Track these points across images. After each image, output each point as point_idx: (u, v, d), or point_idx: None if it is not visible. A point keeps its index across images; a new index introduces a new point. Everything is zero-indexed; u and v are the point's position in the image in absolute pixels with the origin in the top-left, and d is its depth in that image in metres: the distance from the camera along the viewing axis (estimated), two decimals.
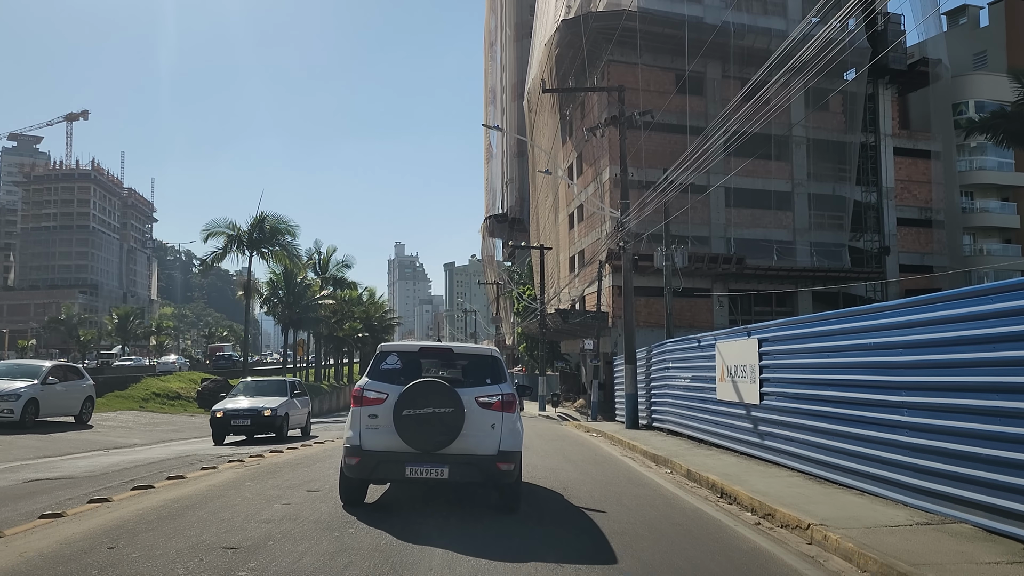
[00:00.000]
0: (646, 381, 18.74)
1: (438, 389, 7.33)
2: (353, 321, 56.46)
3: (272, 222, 31.69)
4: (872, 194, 41.76)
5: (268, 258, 31.66)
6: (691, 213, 39.35)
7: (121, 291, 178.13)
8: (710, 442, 13.59)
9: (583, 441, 17.51)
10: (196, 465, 11.51)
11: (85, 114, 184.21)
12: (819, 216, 41.18)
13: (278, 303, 38.26)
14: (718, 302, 38.89)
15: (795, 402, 9.94)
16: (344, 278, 50.41)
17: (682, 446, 14.02)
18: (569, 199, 46.78)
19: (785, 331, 10.54)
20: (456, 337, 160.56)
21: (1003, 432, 6.15)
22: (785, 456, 10.25)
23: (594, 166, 40.91)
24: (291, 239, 32.06)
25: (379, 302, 71.10)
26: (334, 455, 11.52)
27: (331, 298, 40.96)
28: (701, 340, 14.01)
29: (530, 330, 48.03)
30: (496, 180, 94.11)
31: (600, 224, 39.79)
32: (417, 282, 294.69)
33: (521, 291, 57.86)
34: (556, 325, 38.97)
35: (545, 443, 16.45)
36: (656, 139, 38.87)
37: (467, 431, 7.34)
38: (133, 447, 16.09)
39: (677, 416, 16.01)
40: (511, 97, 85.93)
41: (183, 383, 28.08)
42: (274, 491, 8.65)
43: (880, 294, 41.21)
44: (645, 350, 19.05)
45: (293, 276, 38.11)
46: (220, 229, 31.05)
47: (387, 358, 8.04)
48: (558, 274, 47.78)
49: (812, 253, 39.64)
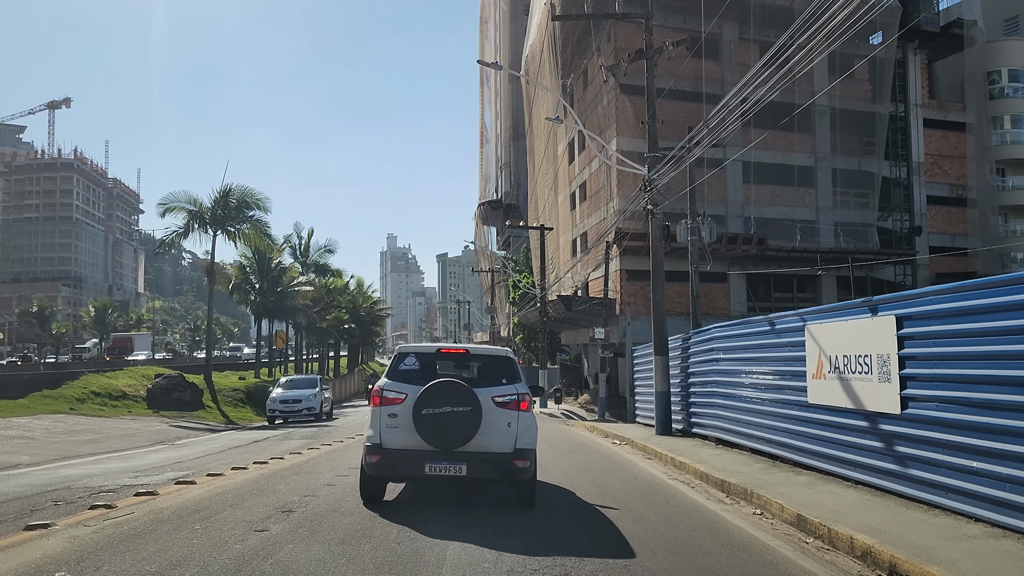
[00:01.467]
0: (682, 376, 15.34)
1: (456, 389, 7.54)
2: (339, 311, 52.73)
3: (239, 196, 27.74)
4: (901, 169, 38.35)
5: (236, 237, 27.87)
6: (706, 189, 35.92)
7: (107, 284, 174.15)
8: (795, 461, 10.15)
9: (608, 453, 14.20)
10: (49, 508, 7.84)
11: (67, 102, 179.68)
12: (844, 193, 37.79)
13: (250, 290, 34.54)
14: (743, 287, 35.51)
15: (978, 414, 6.53)
16: (327, 264, 46.51)
17: (752, 466, 10.62)
18: (570, 178, 43.23)
19: (949, 302, 7.00)
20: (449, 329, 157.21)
21: None
22: (959, 497, 6.84)
23: (598, 139, 37.33)
24: (261, 215, 28.41)
25: (367, 292, 67.41)
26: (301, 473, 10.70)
27: (310, 285, 37.13)
28: (776, 322, 10.54)
29: (528, 320, 44.53)
30: (491, 165, 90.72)
31: (605, 203, 36.30)
32: (410, 274, 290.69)
33: (518, 279, 54.41)
34: (558, 313, 35.49)
35: (560, 456, 13.07)
36: (668, 107, 35.28)
37: (484, 429, 7.55)
38: (7, 469, 11.87)
39: (732, 422, 12.69)
40: (506, 77, 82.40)
41: (133, 380, 24.50)
42: None
43: (911, 278, 37.91)
44: (679, 339, 15.65)
45: (267, 259, 34.34)
46: (179, 204, 27.14)
47: (405, 359, 8.25)
48: (558, 259, 44.27)
49: (838, 233, 36.19)
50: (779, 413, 10.56)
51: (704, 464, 10.68)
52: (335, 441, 15.77)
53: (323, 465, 11.54)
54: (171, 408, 22.48)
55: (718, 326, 13.44)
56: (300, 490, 8.90)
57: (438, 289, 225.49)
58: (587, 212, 39.67)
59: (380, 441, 7.67)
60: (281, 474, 10.50)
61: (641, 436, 15.56)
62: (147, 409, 21.80)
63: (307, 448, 14.45)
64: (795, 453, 10.10)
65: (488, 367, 8.29)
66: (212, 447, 14.98)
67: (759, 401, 11.36)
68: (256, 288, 34.33)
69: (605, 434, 17.94)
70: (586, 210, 39.92)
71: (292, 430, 19.82)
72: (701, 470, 10.31)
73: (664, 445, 13.54)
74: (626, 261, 33.93)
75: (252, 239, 28.28)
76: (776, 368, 10.64)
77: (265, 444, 15.79)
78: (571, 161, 43.07)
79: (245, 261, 34.73)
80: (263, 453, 13.56)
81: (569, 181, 43.41)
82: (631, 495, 9.06)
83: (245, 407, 26.48)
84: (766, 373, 11.02)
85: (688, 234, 21.02)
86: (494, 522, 7.09)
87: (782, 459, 10.56)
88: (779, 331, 10.33)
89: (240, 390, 28.08)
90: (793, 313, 10.07)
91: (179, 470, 11.28)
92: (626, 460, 12.98)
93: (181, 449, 14.37)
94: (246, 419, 24.50)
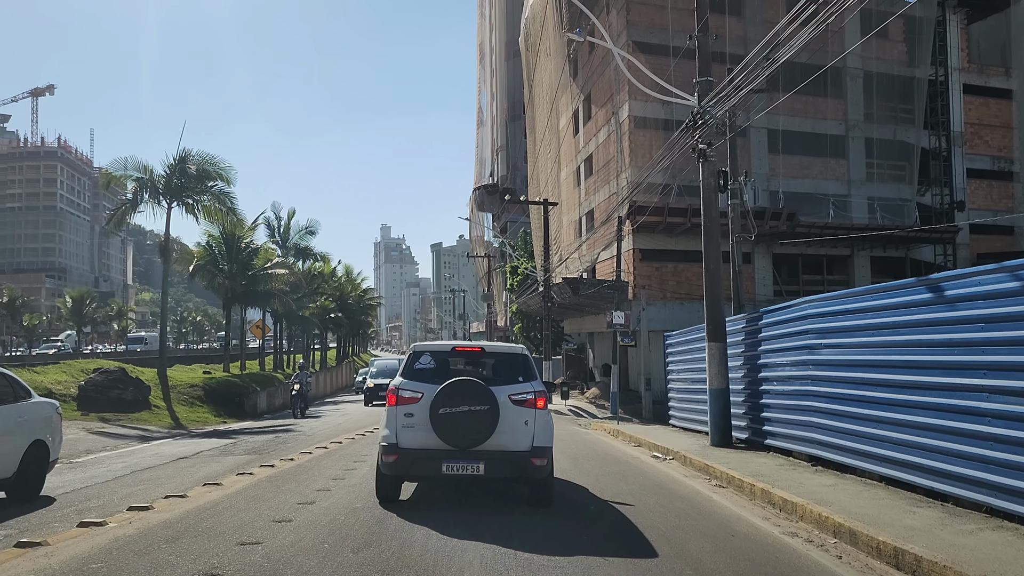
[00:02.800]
0: (746, 369, 11.86)
1: (473, 387, 7.48)
2: (323, 299, 48.98)
3: (198, 163, 23.55)
4: (939, 139, 34.83)
5: (195, 210, 23.92)
6: (729, 159, 32.29)
7: (93, 275, 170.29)
8: (981, 503, 6.68)
9: (657, 477, 10.35)
10: None
11: (51, 89, 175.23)
12: (878, 165, 34.30)
13: (217, 273, 30.68)
14: (768, 268, 32.01)
15: None
16: (309, 247, 42.53)
17: (922, 512, 6.89)
18: (574, 152, 39.59)
19: None
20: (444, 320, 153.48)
21: None
22: None
23: (606, 106, 33.70)
24: (224, 186, 24.44)
25: (357, 279, 63.62)
26: None
27: (284, 267, 33.14)
28: (945, 285, 6.90)
29: (529, 306, 40.94)
30: (486, 148, 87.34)
31: (615, 175, 32.71)
32: (404, 265, 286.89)
33: (517, 263, 50.85)
34: (563, 299, 31.92)
35: (592, 479, 9.69)
36: (688, 68, 31.63)
37: (501, 428, 7.46)
38: None
39: (847, 436, 9.02)
40: (503, 56, 78.85)
41: (66, 375, 20.73)
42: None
43: (951, 259, 34.47)
44: (741, 320, 12.15)
45: (237, 238, 30.51)
46: (125, 172, 23.31)
47: (420, 358, 8.18)
48: (561, 241, 40.67)
49: (874, 208, 32.66)
50: (960, 431, 6.93)
51: (835, 509, 6.90)
52: (284, 459, 11.75)
53: (229, 519, 7.17)
54: (108, 409, 18.76)
55: (816, 299, 9.66)
56: None
57: (432, 280, 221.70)
58: (594, 188, 36.09)
59: (396, 441, 7.62)
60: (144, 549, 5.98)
61: (690, 448, 12.08)
62: (76, 411, 18.07)
63: (239, 471, 10.56)
64: (986, 493, 6.51)
65: (503, 365, 8.24)
66: (116, 468, 10.88)
67: (909, 408, 7.68)
68: (224, 271, 30.49)
69: (637, 442, 14.41)
70: (592, 185, 36.33)
71: (245, 439, 16.15)
72: (845, 525, 6.45)
73: (734, 464, 10.02)
74: (640, 239, 30.38)
75: (216, 214, 24.45)
76: (936, 358, 7.04)
77: (187, 465, 11.74)
78: (575, 133, 39.44)
79: (211, 240, 30.91)
80: (170, 483, 9.70)
81: (574, 155, 39.79)
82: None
83: (203, 406, 22.77)
84: (926, 367, 7.37)
85: (728, 197, 17.43)
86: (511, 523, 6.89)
87: (963, 500, 7.00)
88: (955, 300, 6.70)
89: (199, 386, 24.34)
90: (971, 272, 6.50)
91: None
92: (690, 491, 9.25)
93: (69, 473, 10.50)
94: (200, 421, 20.82)
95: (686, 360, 15.94)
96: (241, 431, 18.40)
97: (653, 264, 30.52)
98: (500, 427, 7.39)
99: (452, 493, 8.40)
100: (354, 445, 13.77)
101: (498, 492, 8.46)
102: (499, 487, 8.47)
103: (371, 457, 10.79)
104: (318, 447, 13.51)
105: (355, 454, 12.26)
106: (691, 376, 15.28)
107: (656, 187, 30.11)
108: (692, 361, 15.23)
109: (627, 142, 30.97)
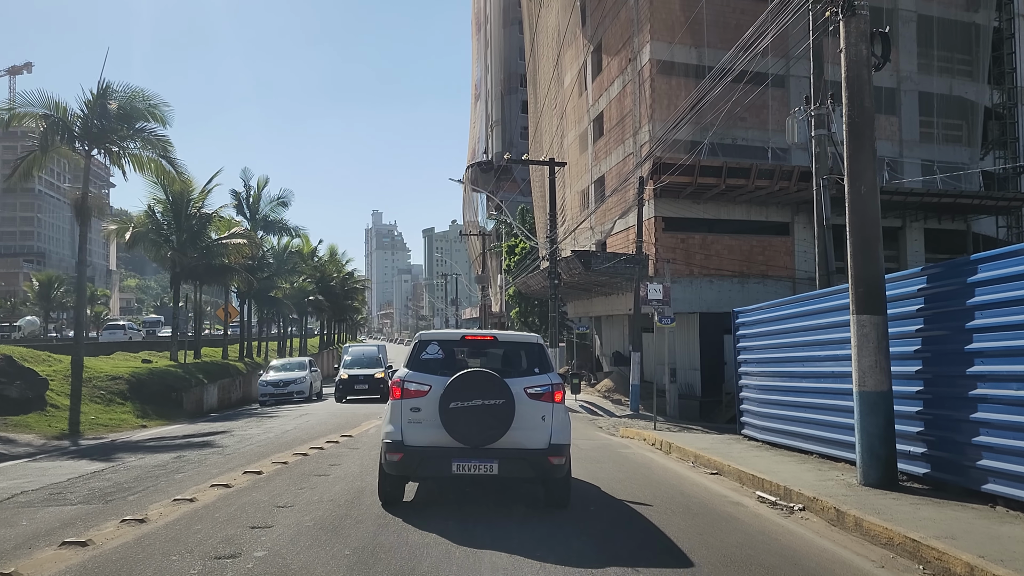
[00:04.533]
0: (922, 361, 7.32)
1: (487, 379, 6.95)
2: (301, 280, 44.27)
3: (124, 99, 18.54)
4: (1003, 95, 30.46)
5: (121, 158, 18.86)
6: (768, 113, 27.79)
7: (74, 260, 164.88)
8: None
9: (817, 562, 5.67)
10: None
11: (28, 67, 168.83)
12: (932, 123, 29.86)
13: (163, 244, 25.74)
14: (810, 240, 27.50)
15: None
16: (281, 221, 37.26)
17: None
18: (581, 113, 34.98)
19: None
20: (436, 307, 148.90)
21: None
22: None
23: (622, 53, 29.07)
24: (159, 129, 19.39)
25: (341, 260, 58.80)
26: None
27: (244, 237, 27.89)
28: None
29: (529, 287, 36.48)
30: (481, 125, 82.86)
31: (632, 134, 28.16)
32: (396, 252, 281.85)
33: (514, 242, 46.42)
34: (572, 276, 27.46)
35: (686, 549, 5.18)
36: (718, 5, 27.10)
37: (517, 424, 6.93)
38: None
39: None
40: (499, 23, 74.29)
41: None
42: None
43: (1015, 232, 30.19)
44: (910, 280, 7.55)
45: (187, 202, 25.59)
46: (30, 109, 18.31)
47: (427, 347, 7.57)
48: (565, 215, 36.12)
49: (933, 170, 28.18)
50: None
51: None
52: (128, 520, 6.80)
53: None
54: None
55: None
56: None
57: (425, 266, 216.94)
58: (604, 151, 31.54)
59: (402, 438, 7.03)
60: None
61: (828, 489, 7.54)
62: None
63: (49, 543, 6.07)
64: None
65: (517, 355, 7.71)
66: None
67: None
68: (171, 242, 25.56)
69: (711, 466, 9.93)
70: (603, 148, 31.77)
71: (135, 460, 11.34)
72: None
73: (965, 538, 5.67)
74: (663, 206, 25.90)
75: (151, 166, 19.45)
76: None
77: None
78: (582, 92, 34.83)
79: (157, 204, 25.93)
80: None
81: (580, 117, 35.18)
82: None
83: (124, 405, 17.96)
84: None
85: (808, 128, 12.93)
86: None
87: None
88: None
89: (123, 379, 19.51)
90: None
91: None
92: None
93: None
94: (111, 425, 16.04)
95: (774, 345, 11.54)
96: (146, 443, 13.54)
97: (678, 235, 26.08)
98: (516, 423, 6.92)
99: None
100: (276, 480, 8.90)
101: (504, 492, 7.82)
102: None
103: (293, 512, 7.12)
104: (215, 484, 8.58)
105: (261, 504, 7.49)
106: (787, 369, 10.79)
107: (682, 145, 25.55)
108: (789, 347, 10.78)
109: (648, 91, 26.40)
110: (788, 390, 10.97)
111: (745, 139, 27.08)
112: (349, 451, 11.72)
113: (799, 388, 10.50)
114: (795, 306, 10.98)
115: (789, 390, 10.94)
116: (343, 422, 16.64)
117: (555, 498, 7.36)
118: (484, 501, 7.63)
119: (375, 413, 18.76)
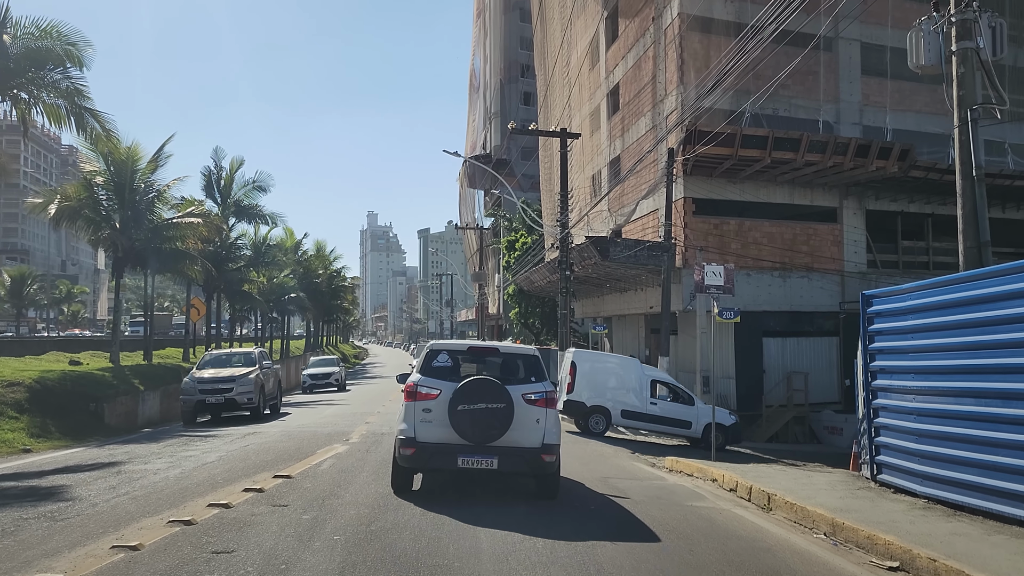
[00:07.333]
0: None
1: (491, 386, 7.84)
2: (281, 275, 40.35)
3: (25, 35, 14.45)
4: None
5: (29, 109, 14.95)
6: (813, 82, 24.13)
7: (60, 258, 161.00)
8: None
9: None
10: None
11: None
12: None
13: (102, 221, 21.68)
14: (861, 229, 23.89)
15: None
16: (256, 207, 33.03)
17: None
18: (594, 88, 31.23)
19: None
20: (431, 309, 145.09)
21: None
22: None
23: (643, 13, 25.32)
24: (76, 71, 15.37)
25: (329, 257, 54.82)
26: None
27: (199, 217, 23.72)
28: None
29: (532, 283, 32.68)
30: (479, 117, 79.29)
31: (653, 105, 24.45)
32: (391, 254, 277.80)
33: (514, 237, 42.75)
34: (585, 267, 23.70)
35: None
36: None
37: (515, 425, 7.85)
38: None
39: None
40: (500, 8, 70.64)
41: None
42: None
43: None
44: None
45: (131, 174, 21.42)
46: None
47: (438, 356, 8.50)
48: (574, 202, 32.29)
49: (1005, 150, 24.55)
50: None
51: None
52: None
53: None
54: None
55: None
56: None
57: (420, 268, 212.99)
58: (621, 127, 27.78)
59: (414, 435, 7.94)
60: None
61: None
62: None
63: None
64: None
65: (516, 365, 8.58)
66: None
67: None
68: (112, 221, 21.46)
69: (897, 558, 5.89)
70: (619, 124, 28.01)
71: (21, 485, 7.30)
72: None
73: None
74: (693, 185, 22.19)
75: (74, 120, 15.41)
76: None
77: None
78: (594, 65, 31.08)
79: (94, 176, 21.62)
80: None
81: (592, 92, 31.44)
82: None
83: (16, 419, 13.86)
84: None
85: (947, 42, 9.32)
86: None
87: None
88: None
89: (21, 385, 15.33)
90: None
91: None
92: None
93: None
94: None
95: (953, 347, 7.73)
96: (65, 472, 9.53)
97: (710, 219, 22.35)
98: (514, 424, 7.80)
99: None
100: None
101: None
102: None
103: None
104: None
105: None
106: (981, 385, 6.83)
107: (718, 115, 21.72)
108: (983, 350, 6.87)
109: (676, 51, 22.63)
110: (981, 419, 7.24)
111: (787, 110, 23.36)
112: (268, 515, 7.14)
113: (1005, 417, 6.63)
114: (995, 283, 7.15)
115: (984, 419, 7.21)
116: (294, 448, 12.32)
117: (546, 490, 8.35)
118: (479, 493, 8.42)
119: (343, 433, 14.61)
